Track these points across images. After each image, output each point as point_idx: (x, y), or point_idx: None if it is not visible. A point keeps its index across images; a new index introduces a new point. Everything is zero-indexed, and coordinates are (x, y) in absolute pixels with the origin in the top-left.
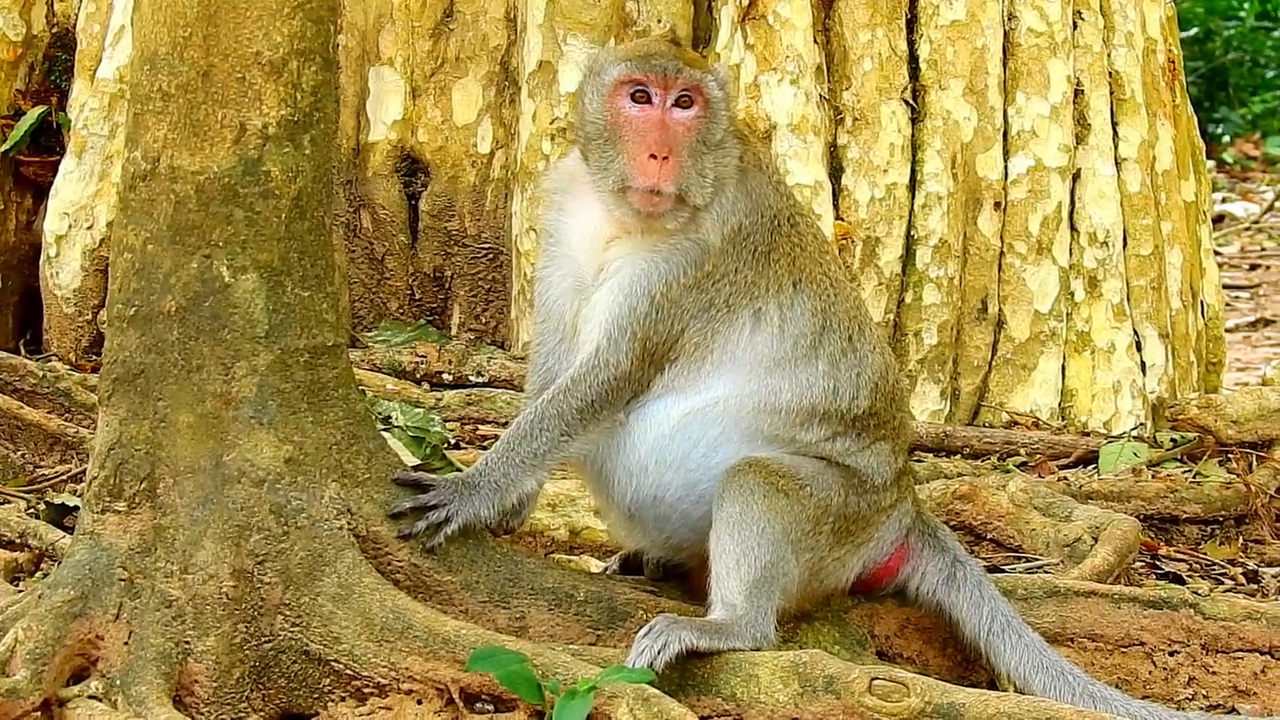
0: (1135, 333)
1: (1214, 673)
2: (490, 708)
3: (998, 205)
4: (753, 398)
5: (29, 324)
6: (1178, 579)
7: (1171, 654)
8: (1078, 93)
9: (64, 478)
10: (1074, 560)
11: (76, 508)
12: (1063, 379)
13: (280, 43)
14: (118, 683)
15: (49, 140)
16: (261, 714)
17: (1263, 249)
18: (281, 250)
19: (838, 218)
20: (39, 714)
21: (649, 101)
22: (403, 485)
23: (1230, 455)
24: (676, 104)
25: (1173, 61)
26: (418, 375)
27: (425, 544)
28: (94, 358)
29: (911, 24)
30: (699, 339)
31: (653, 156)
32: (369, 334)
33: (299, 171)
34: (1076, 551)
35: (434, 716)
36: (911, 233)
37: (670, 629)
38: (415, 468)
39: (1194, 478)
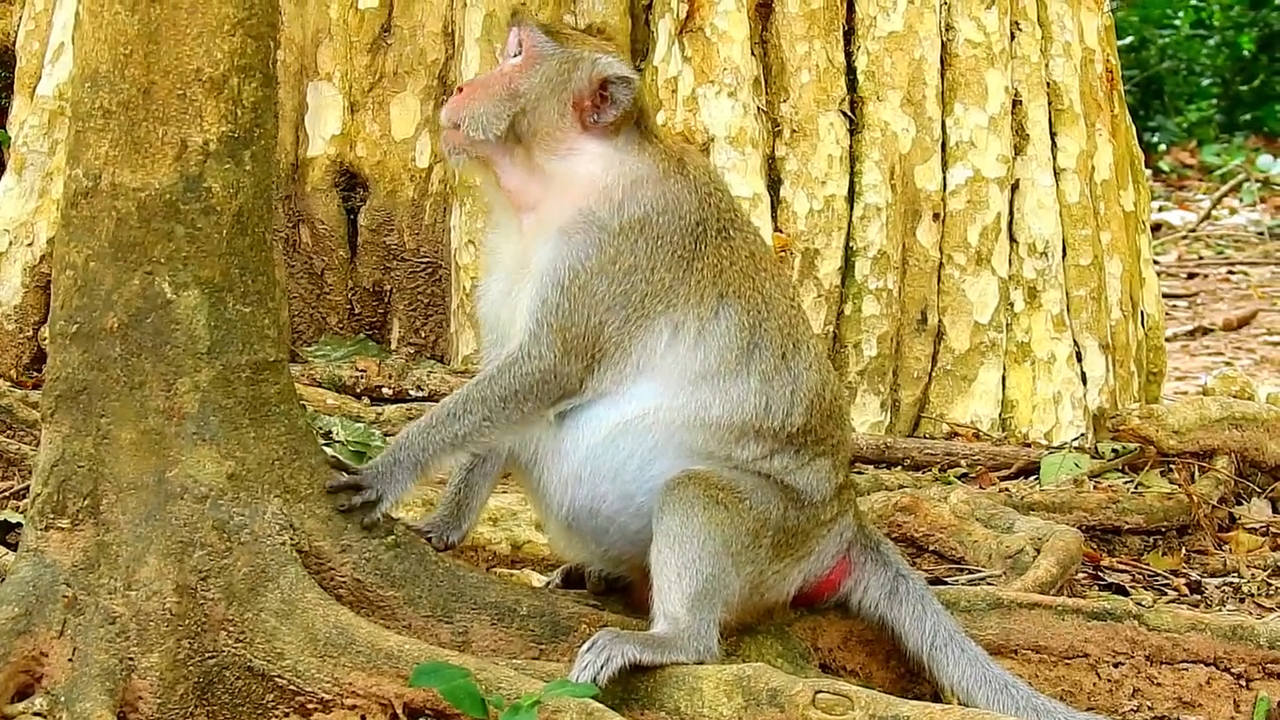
0: (1075, 343)
1: (1158, 684)
2: None
3: (936, 216)
4: (682, 411)
5: None
6: (1121, 590)
7: (1116, 666)
8: (1016, 103)
9: (6, 494)
10: (1016, 572)
11: (19, 524)
12: (1003, 390)
13: (221, 59)
14: (62, 699)
15: None
16: None
17: (1200, 258)
18: (223, 266)
19: (776, 230)
20: None
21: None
22: (334, 468)
23: (1172, 465)
24: (516, 56)
25: (1111, 71)
26: (358, 390)
27: (363, 520)
28: (35, 374)
29: (849, 36)
30: (618, 339)
31: (457, 90)
32: (309, 349)
33: (240, 188)
34: (1019, 563)
35: None
36: (850, 244)
37: (613, 643)
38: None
39: (1136, 488)
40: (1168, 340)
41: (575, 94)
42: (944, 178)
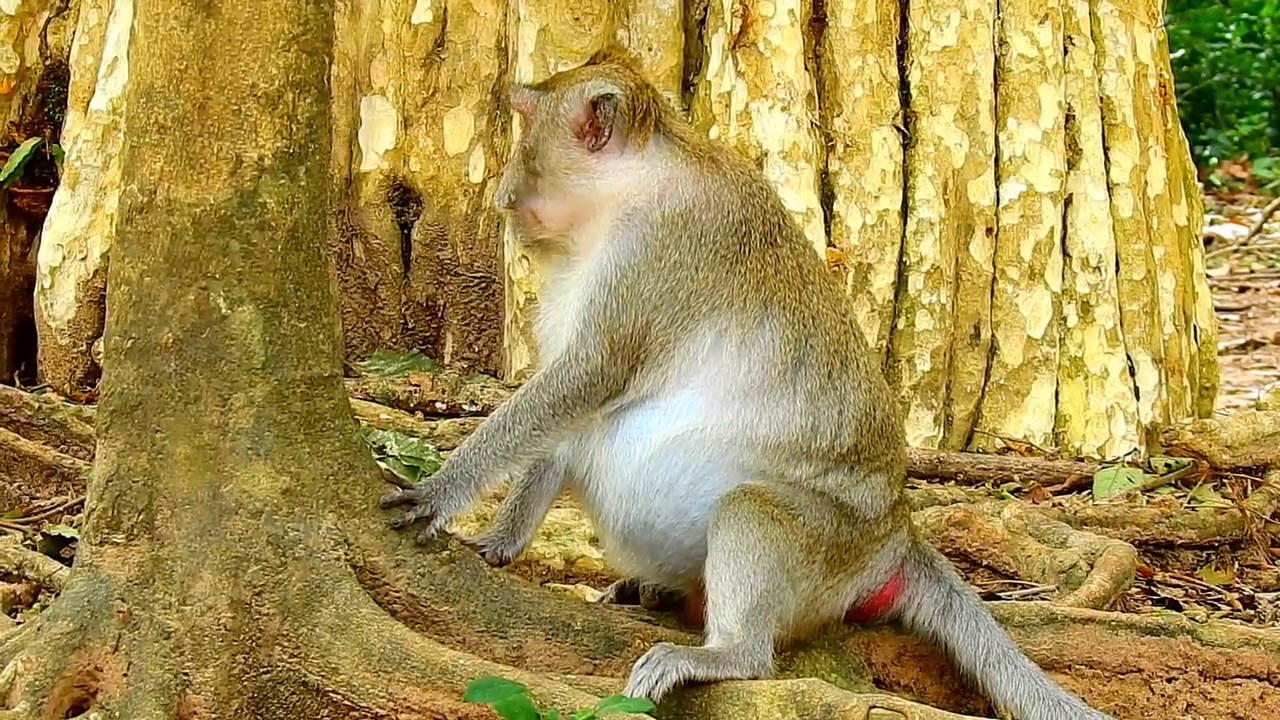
0: (1128, 358)
1: (1212, 699)
2: None
3: (990, 231)
4: (729, 429)
5: (23, 355)
6: (1174, 605)
7: (1169, 681)
8: (1069, 118)
9: (60, 509)
10: (1070, 587)
11: (73, 539)
12: (1056, 404)
13: (275, 75)
14: (117, 714)
15: (43, 172)
16: None
17: (1251, 271)
18: (278, 282)
19: (830, 244)
20: None
21: None
22: (389, 482)
23: (1225, 480)
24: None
25: (1164, 86)
26: (411, 404)
27: (417, 537)
28: (89, 388)
29: (902, 50)
30: (663, 339)
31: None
32: (362, 363)
33: (295, 203)
34: (1072, 578)
35: None
36: (904, 259)
37: (668, 658)
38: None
39: (1189, 503)
40: (1219, 354)
41: (573, 125)
42: (997, 192)
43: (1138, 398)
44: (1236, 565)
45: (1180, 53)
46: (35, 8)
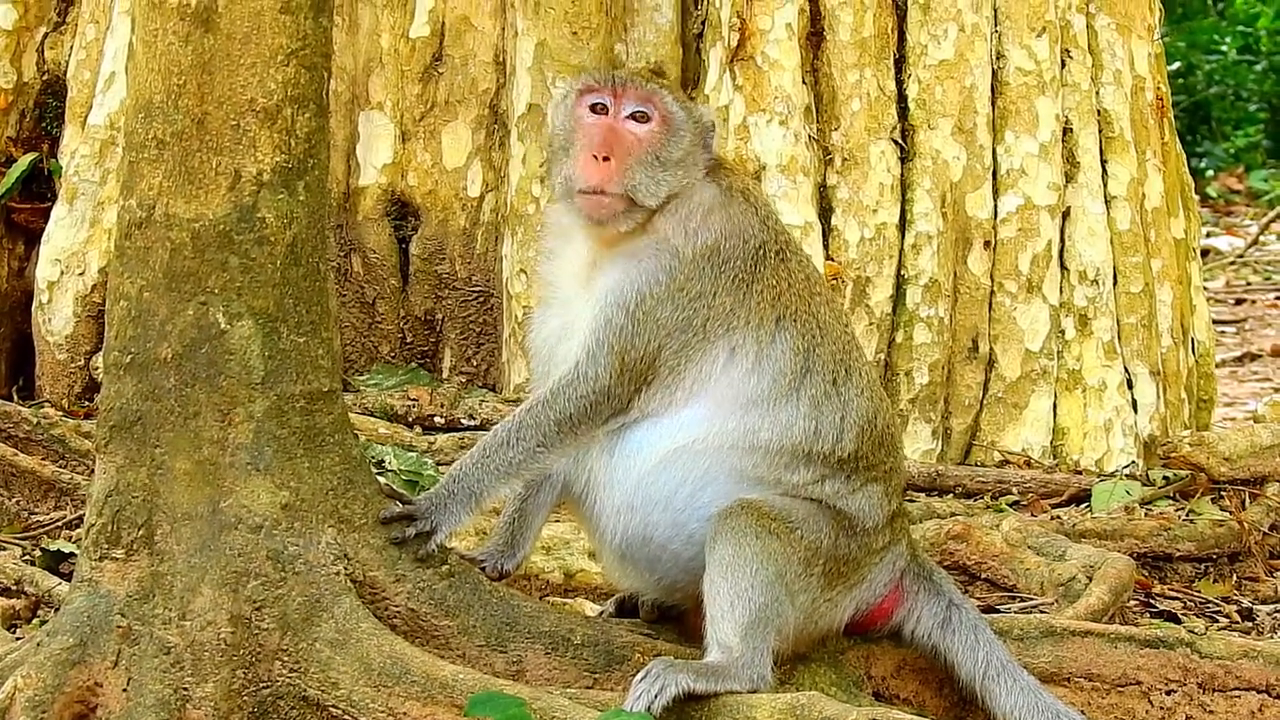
0: (1126, 370)
1: (1211, 711)
2: None
3: (987, 244)
4: (731, 435)
5: (21, 370)
6: (1173, 617)
7: (1168, 693)
8: (1066, 131)
9: (59, 524)
10: (1069, 600)
11: (72, 554)
12: (1054, 417)
13: (274, 90)
14: None
15: (40, 187)
16: None
17: (1248, 283)
18: (277, 296)
19: (828, 258)
20: None
21: (606, 112)
22: (388, 497)
23: (1223, 492)
24: (632, 117)
25: (1161, 99)
26: (410, 419)
27: (417, 552)
28: (87, 404)
29: (900, 64)
30: (674, 362)
31: (595, 157)
32: (360, 378)
33: (293, 218)
34: (1071, 591)
35: None
36: (902, 272)
37: (667, 672)
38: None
39: (1187, 515)
40: (1216, 366)
41: (702, 142)
42: (995, 205)
43: (1136, 410)
44: (1235, 577)
45: (1176, 65)
46: (33, 22)
